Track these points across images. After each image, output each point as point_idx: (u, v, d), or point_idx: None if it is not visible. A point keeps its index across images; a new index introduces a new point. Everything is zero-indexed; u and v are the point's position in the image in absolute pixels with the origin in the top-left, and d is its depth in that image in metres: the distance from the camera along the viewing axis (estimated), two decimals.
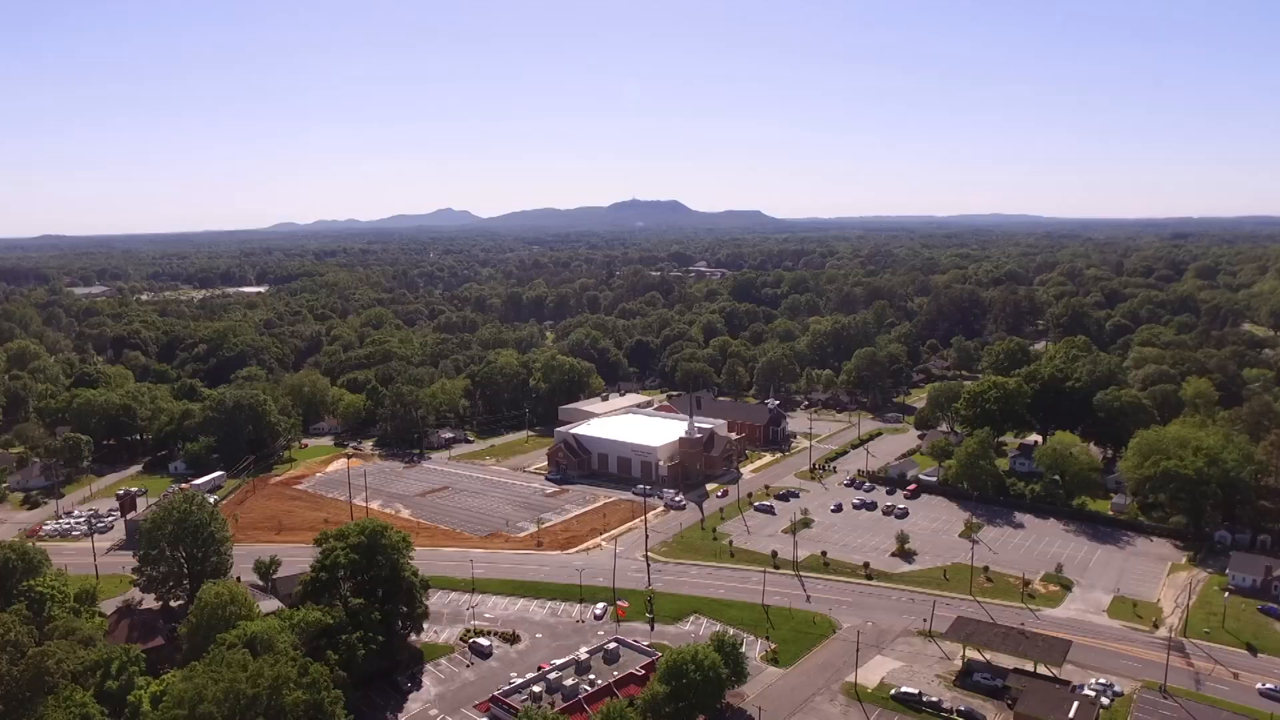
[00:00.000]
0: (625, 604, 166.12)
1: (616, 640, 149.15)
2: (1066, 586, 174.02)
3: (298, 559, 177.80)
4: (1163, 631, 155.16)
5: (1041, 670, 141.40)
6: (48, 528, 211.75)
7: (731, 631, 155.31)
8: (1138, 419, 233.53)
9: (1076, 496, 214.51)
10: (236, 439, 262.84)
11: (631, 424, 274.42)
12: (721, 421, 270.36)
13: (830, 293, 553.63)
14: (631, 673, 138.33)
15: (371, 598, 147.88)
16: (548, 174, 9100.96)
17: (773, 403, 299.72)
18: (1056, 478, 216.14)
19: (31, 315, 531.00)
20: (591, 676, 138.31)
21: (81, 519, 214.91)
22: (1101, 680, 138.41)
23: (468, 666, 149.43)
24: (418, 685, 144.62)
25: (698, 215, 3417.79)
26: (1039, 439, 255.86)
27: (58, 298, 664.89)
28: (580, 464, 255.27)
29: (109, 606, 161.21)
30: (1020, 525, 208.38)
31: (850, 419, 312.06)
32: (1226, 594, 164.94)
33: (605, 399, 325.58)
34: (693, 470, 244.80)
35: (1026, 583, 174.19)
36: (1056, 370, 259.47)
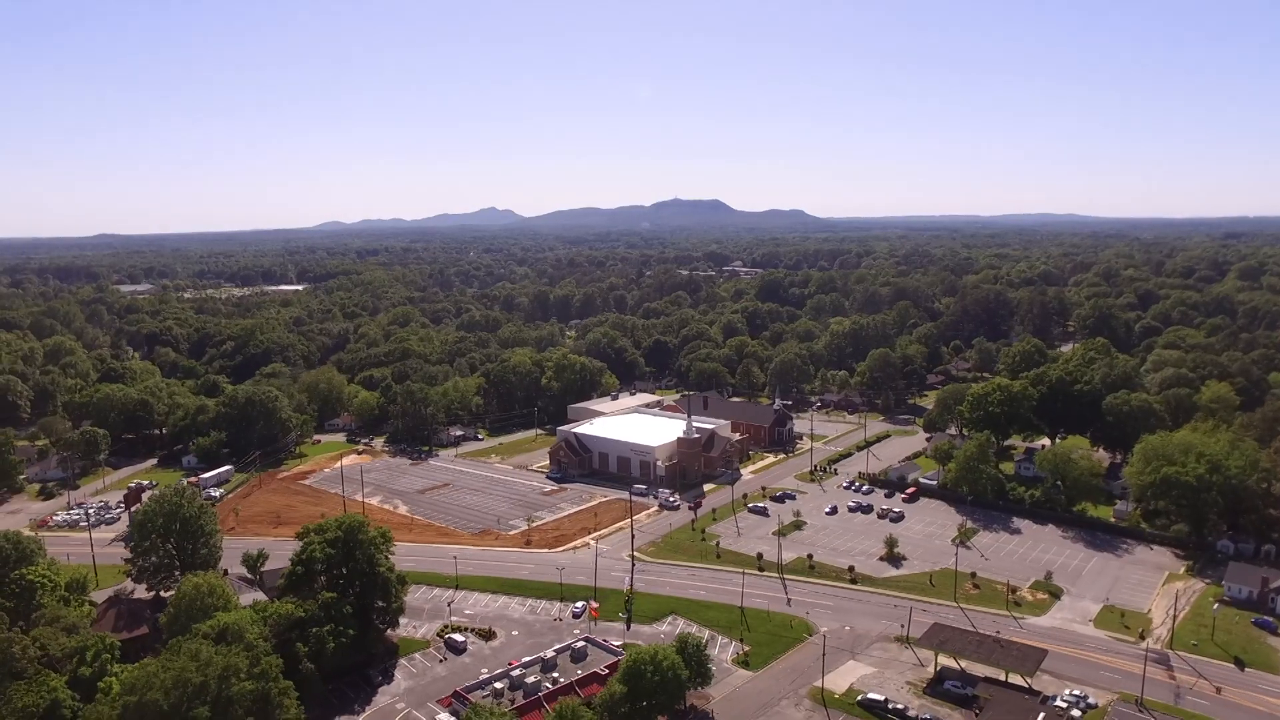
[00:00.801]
0: (595, 604, 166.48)
1: (586, 639, 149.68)
2: (1055, 594, 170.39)
3: (290, 553, 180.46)
4: (1148, 643, 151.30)
5: (1014, 680, 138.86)
6: (58, 518, 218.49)
7: (708, 634, 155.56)
8: (1148, 423, 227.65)
9: (1078, 502, 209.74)
10: (248, 434, 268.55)
11: (634, 424, 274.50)
12: (725, 422, 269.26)
13: (857, 293, 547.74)
14: (595, 672, 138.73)
15: (348, 592, 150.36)
16: (590, 173, 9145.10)
17: (779, 403, 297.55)
18: (1058, 483, 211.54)
19: (75, 312, 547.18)
20: (555, 675, 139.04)
21: (90, 510, 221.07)
22: (1076, 691, 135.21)
23: (441, 662, 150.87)
24: (389, 679, 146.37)
25: (740, 215, 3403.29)
26: (1048, 443, 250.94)
27: (103, 295, 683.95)
28: (581, 463, 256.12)
29: (106, 595, 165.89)
30: (1017, 531, 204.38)
31: (860, 420, 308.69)
32: (1216, 605, 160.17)
33: (615, 398, 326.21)
34: (691, 470, 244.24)
35: (1013, 590, 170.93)
36: (1065, 373, 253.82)
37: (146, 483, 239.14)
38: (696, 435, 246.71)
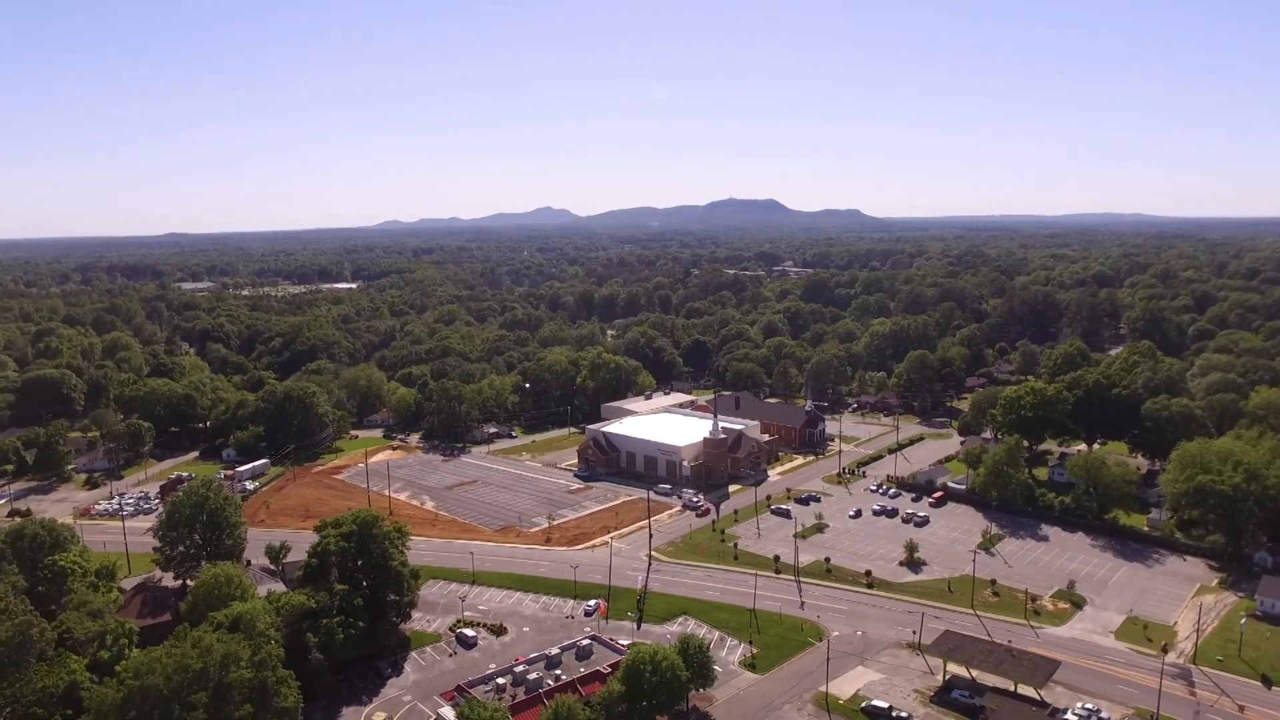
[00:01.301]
0: (603, 602, 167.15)
1: (593, 638, 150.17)
2: (1077, 604, 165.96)
3: None
4: (1171, 656, 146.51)
5: (1024, 690, 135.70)
6: (99, 507, 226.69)
7: (717, 635, 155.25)
8: (1189, 430, 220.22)
9: (1110, 509, 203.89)
10: (285, 429, 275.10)
11: (662, 423, 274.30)
12: (755, 423, 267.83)
13: (904, 294, 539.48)
14: (598, 670, 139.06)
15: (361, 585, 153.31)
16: (645, 173, 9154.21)
17: (811, 404, 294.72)
18: (1090, 489, 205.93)
19: (136, 308, 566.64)
20: (558, 672, 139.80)
21: (131, 500, 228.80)
22: (1088, 705, 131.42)
23: (450, 656, 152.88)
24: (398, 671, 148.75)
25: (795, 214, 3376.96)
26: (1085, 448, 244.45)
27: (164, 292, 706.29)
28: (609, 462, 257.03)
29: (136, 583, 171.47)
30: (1044, 538, 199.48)
31: (895, 423, 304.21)
32: (1244, 620, 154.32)
33: (649, 398, 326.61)
34: (717, 471, 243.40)
35: (1034, 598, 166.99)
36: (1104, 377, 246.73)
37: (185, 474, 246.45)
38: (723, 436, 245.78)
